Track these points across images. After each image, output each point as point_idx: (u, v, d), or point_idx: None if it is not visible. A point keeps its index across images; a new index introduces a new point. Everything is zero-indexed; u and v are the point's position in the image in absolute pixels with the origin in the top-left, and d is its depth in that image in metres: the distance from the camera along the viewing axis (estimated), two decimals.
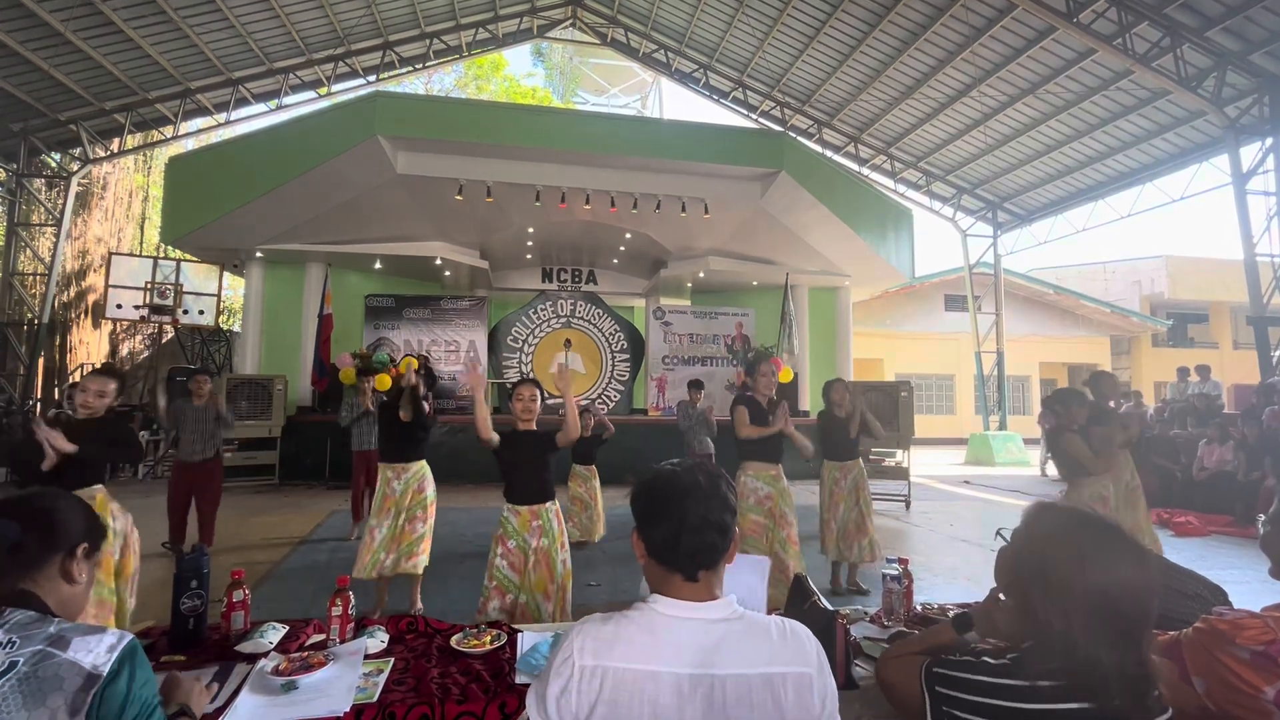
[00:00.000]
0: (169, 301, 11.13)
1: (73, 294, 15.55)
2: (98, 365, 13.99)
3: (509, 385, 10.98)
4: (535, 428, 3.01)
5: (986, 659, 1.05)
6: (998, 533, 1.15)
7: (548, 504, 2.95)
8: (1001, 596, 1.14)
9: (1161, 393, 13.84)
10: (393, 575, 3.75)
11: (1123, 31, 8.87)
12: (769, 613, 1.61)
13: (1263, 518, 1.48)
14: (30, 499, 1.08)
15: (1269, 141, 8.97)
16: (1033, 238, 15.39)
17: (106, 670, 0.90)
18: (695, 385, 6.93)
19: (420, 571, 3.80)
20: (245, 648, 1.66)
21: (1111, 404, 4.23)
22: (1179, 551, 5.73)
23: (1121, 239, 73.17)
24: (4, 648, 0.87)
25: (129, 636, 0.96)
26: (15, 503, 1.06)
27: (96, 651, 0.91)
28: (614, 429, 6.14)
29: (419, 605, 3.79)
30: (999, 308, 15.62)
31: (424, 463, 3.95)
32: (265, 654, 1.62)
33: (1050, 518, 1.07)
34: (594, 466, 6.03)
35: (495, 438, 2.91)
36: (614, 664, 0.96)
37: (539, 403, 3.03)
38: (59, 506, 1.09)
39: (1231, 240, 17.37)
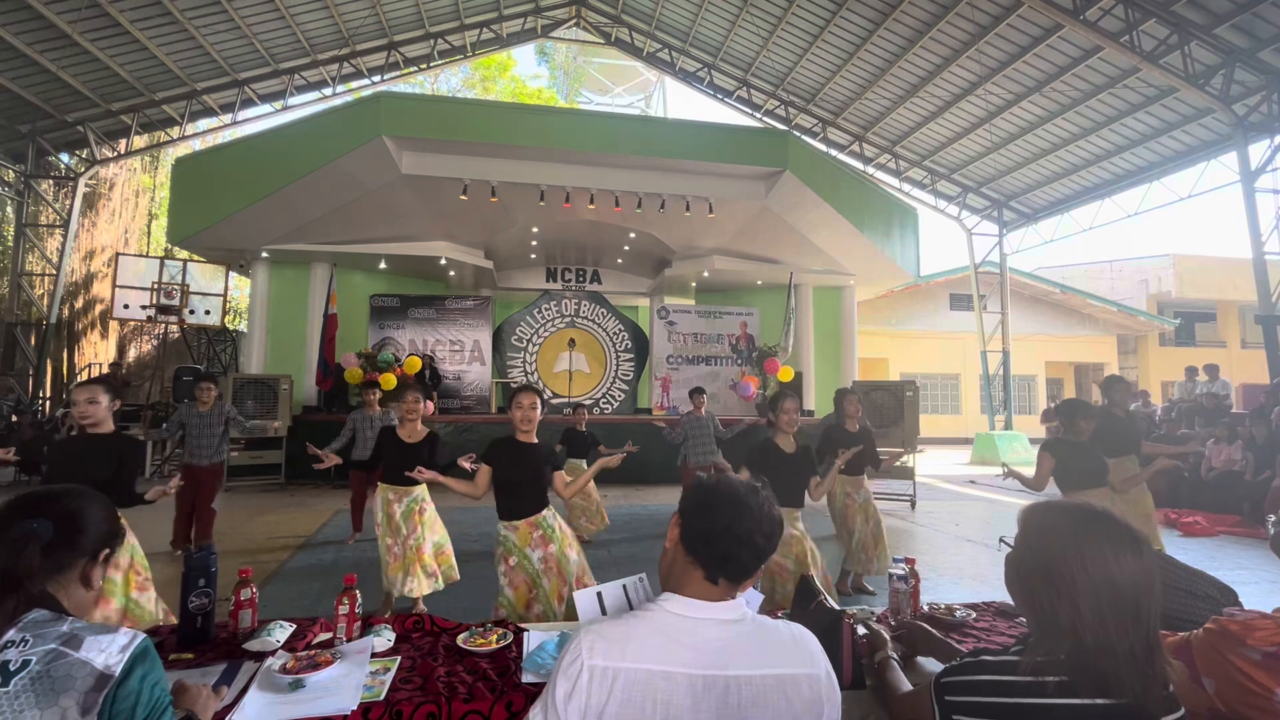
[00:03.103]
0: (175, 302, 11.19)
1: (80, 295, 15.66)
2: (104, 365, 14.11)
3: (513, 386, 11.01)
4: (535, 439, 2.95)
5: (986, 658, 1.06)
6: (1000, 540, 1.17)
7: (544, 512, 2.91)
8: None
9: (1169, 392, 13.76)
10: (429, 593, 3.75)
11: (1130, 28, 8.82)
12: (775, 613, 1.61)
13: (1272, 518, 1.48)
14: (62, 497, 1.06)
15: (1278, 139, 8.90)
16: (1039, 236, 15.32)
17: (119, 670, 0.90)
18: (698, 392, 6.51)
19: (456, 578, 3.85)
20: (253, 646, 1.67)
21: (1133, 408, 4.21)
22: (1187, 552, 5.70)
23: (1128, 238, 72.85)
24: (17, 646, 0.87)
25: (141, 636, 0.96)
26: (48, 499, 1.05)
27: (109, 651, 0.91)
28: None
29: (421, 605, 3.79)
30: (1005, 307, 15.55)
31: (424, 487, 3.89)
32: (273, 652, 1.62)
33: (1041, 514, 1.09)
34: (585, 463, 6.05)
35: (481, 489, 2.93)
36: (626, 664, 0.95)
37: (539, 410, 2.95)
38: (88, 509, 1.07)
39: (1240, 239, 17.24)
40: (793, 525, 3.28)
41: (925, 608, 2.05)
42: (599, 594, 1.39)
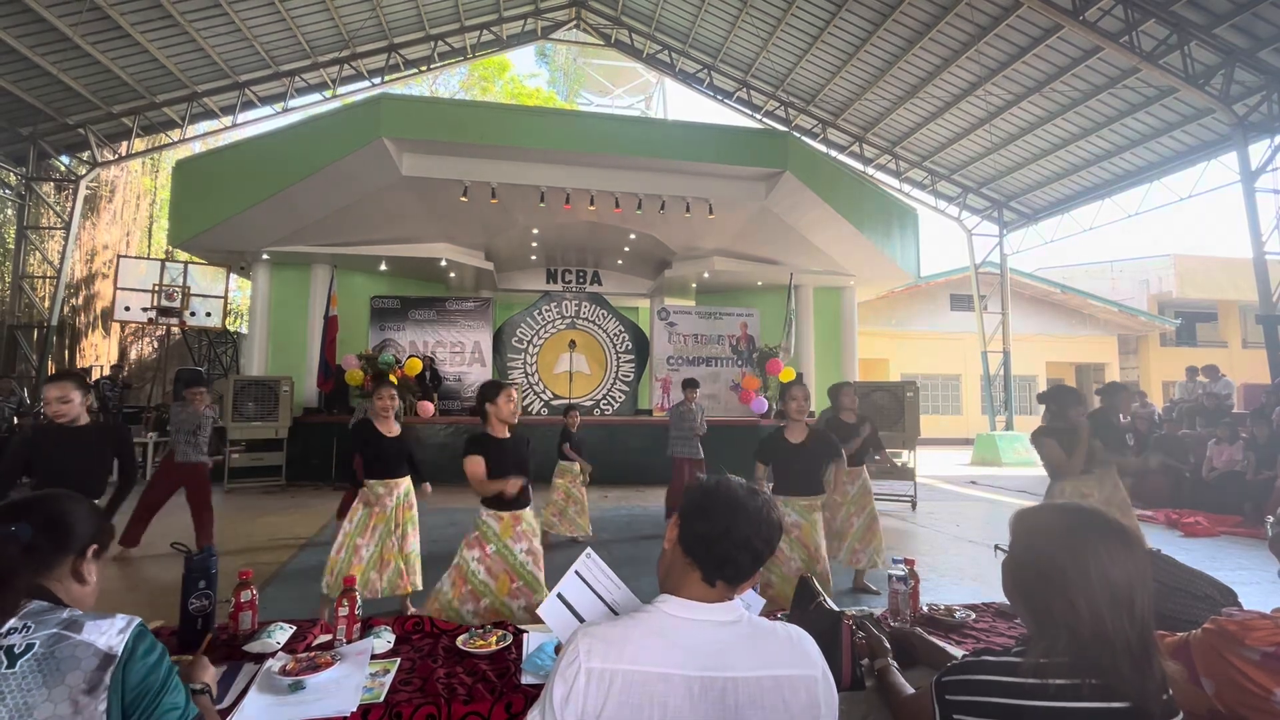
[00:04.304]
0: (176, 304, 11.21)
1: (81, 297, 15.69)
2: (106, 367, 14.12)
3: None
4: (510, 434, 3.00)
5: (987, 658, 1.06)
6: (996, 548, 1.18)
7: (528, 509, 2.98)
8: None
9: (1170, 392, 13.76)
10: (389, 595, 3.65)
11: (1129, 29, 8.82)
12: (774, 614, 1.61)
13: (1272, 519, 1.48)
14: (43, 501, 1.13)
15: (1278, 139, 8.90)
16: (1039, 236, 15.32)
17: (121, 650, 0.95)
18: (690, 384, 6.57)
19: (420, 587, 3.70)
20: (253, 648, 1.67)
21: (1124, 418, 4.18)
22: (1188, 552, 5.69)
23: (1129, 238, 72.82)
24: (20, 632, 0.92)
25: (136, 619, 1.01)
26: (29, 504, 1.10)
27: (109, 634, 0.96)
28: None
29: (410, 606, 3.73)
30: (1005, 307, 15.55)
31: (409, 481, 3.88)
32: (273, 654, 1.63)
33: (1032, 517, 1.11)
34: (577, 464, 6.03)
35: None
36: (624, 666, 0.95)
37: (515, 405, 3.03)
38: (71, 509, 1.13)
39: (1240, 238, 17.25)
40: (803, 514, 3.39)
41: (925, 608, 2.05)
42: (559, 595, 1.38)
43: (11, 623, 0.93)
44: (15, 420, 9.38)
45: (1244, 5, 8.24)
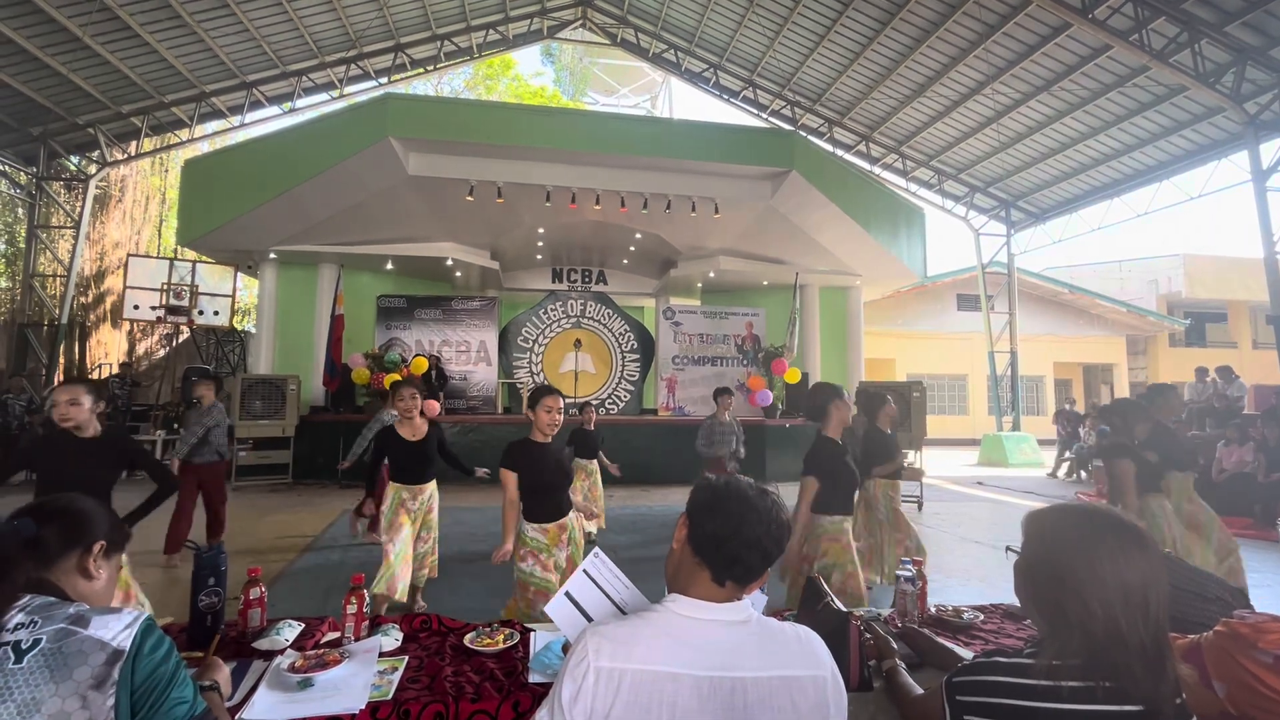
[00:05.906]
0: (184, 302, 11.27)
1: (91, 295, 15.80)
2: (115, 366, 14.23)
3: (520, 389, 11.01)
4: (551, 439, 2.97)
5: (998, 659, 1.05)
6: (1007, 549, 1.18)
7: (570, 515, 2.95)
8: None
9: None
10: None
11: (1139, 27, 8.75)
12: (782, 614, 1.61)
13: None
14: (53, 501, 1.15)
15: None
16: (1047, 236, 15.22)
17: (129, 645, 0.95)
18: (724, 392, 6.07)
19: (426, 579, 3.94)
20: (262, 645, 1.68)
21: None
22: None
23: (1138, 237, 72.30)
24: (27, 628, 0.92)
25: (143, 614, 1.01)
26: (39, 505, 1.13)
27: (115, 629, 0.96)
28: None
29: (421, 604, 3.87)
30: (1012, 307, 15.47)
31: (434, 484, 3.96)
32: (281, 651, 1.64)
33: (1045, 518, 1.10)
34: (595, 462, 6.07)
35: (515, 498, 2.89)
36: (633, 666, 0.95)
37: (562, 414, 2.97)
38: (80, 507, 1.15)
39: (1251, 238, 17.11)
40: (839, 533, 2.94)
41: (933, 610, 2.04)
42: (567, 594, 1.38)
43: (19, 618, 0.93)
44: (27, 418, 9.45)
45: (1256, 3, 8.15)
